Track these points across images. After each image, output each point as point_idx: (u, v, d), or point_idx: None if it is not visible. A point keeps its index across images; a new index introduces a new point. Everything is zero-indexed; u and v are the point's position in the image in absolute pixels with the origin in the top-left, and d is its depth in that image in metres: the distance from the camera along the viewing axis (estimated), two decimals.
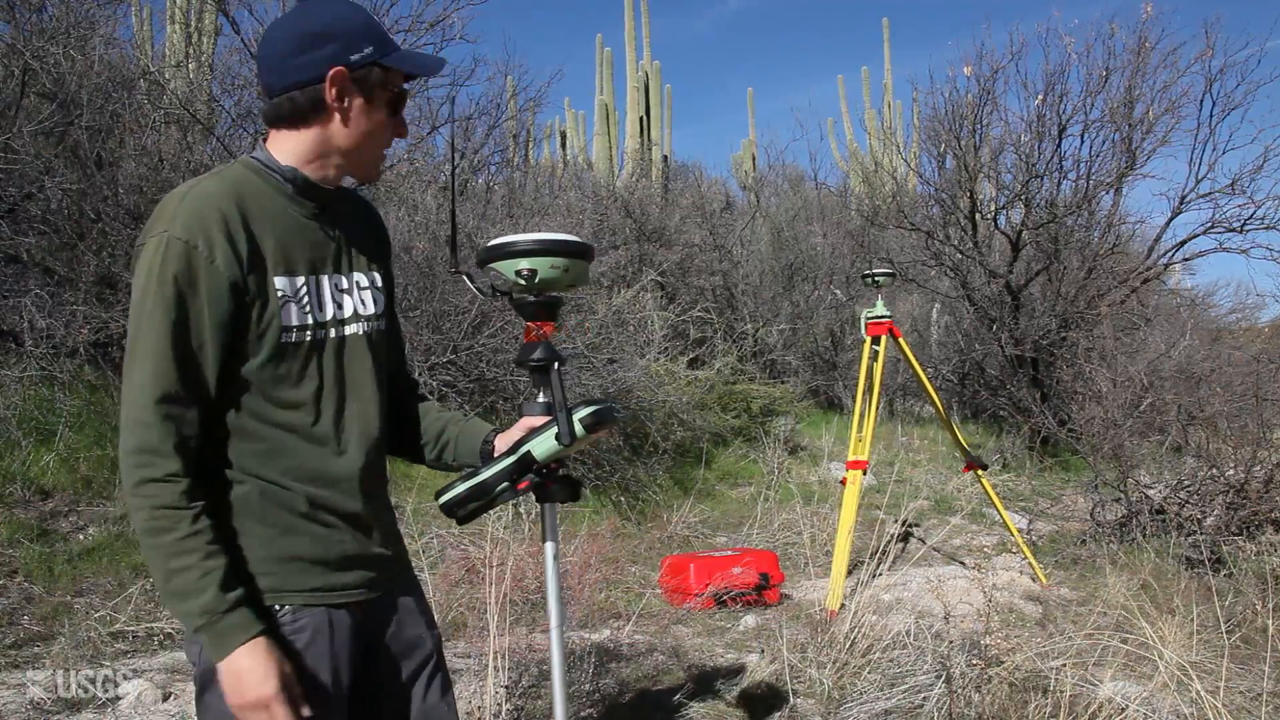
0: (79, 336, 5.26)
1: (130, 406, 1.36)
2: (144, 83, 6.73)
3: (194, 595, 1.35)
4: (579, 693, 3.49)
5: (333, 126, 1.49)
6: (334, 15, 1.49)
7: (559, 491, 1.68)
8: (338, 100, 1.47)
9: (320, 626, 1.47)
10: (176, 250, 1.37)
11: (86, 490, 4.71)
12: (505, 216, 8.76)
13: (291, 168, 1.50)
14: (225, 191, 1.43)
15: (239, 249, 1.41)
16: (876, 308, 5.46)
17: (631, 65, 16.72)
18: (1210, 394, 6.72)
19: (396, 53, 1.51)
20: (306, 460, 1.49)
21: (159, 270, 1.36)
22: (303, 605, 1.47)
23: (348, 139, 1.50)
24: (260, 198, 1.47)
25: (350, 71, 1.47)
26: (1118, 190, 10.03)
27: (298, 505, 1.47)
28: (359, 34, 1.48)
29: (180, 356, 1.37)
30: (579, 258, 1.69)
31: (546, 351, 1.69)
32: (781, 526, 6.78)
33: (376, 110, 1.51)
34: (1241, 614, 4.39)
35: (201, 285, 1.38)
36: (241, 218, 1.42)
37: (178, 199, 1.41)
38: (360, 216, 1.66)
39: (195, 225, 1.38)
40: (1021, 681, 3.29)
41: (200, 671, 1.45)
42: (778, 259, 12.34)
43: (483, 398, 6.60)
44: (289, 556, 1.47)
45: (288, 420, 1.47)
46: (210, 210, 1.40)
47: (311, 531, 1.49)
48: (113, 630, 3.86)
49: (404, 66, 1.53)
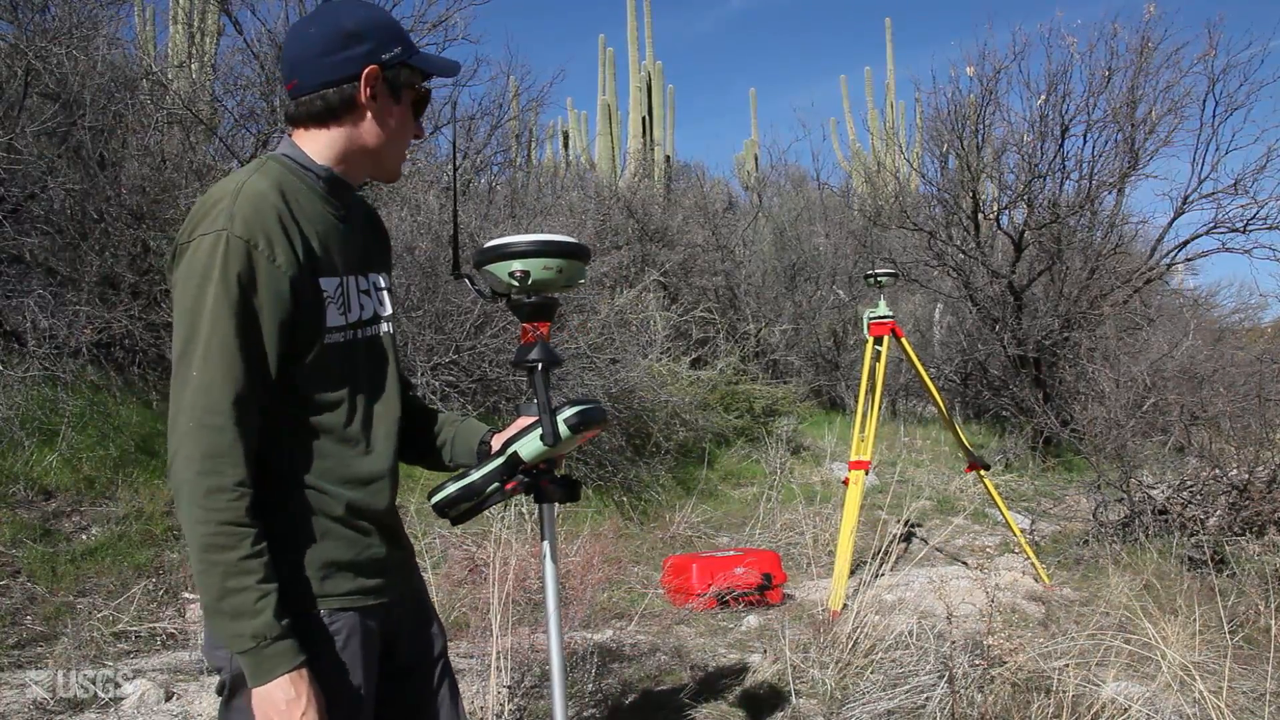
0: (82, 337, 5.26)
1: (195, 410, 1.31)
2: (147, 83, 6.73)
3: (248, 618, 1.31)
4: (581, 692, 3.49)
5: (363, 125, 1.49)
6: (365, 15, 1.49)
7: (556, 492, 1.68)
8: (371, 99, 1.48)
9: (353, 629, 1.47)
10: (238, 249, 1.33)
11: (89, 490, 4.72)
12: (508, 217, 8.77)
13: (325, 166, 1.50)
14: (274, 189, 1.42)
15: (296, 248, 1.39)
16: (879, 308, 5.46)
17: (634, 65, 16.73)
18: (1213, 394, 6.71)
19: (420, 54, 1.53)
20: (341, 462, 1.48)
21: (221, 269, 1.33)
22: (337, 609, 1.46)
23: (377, 138, 1.51)
24: (300, 196, 1.46)
25: (383, 71, 1.47)
26: (1120, 190, 10.04)
27: (334, 509, 1.46)
28: (390, 34, 1.49)
29: (248, 358, 1.34)
30: (572, 258, 1.69)
31: (540, 353, 1.69)
32: (784, 527, 6.78)
33: (403, 110, 1.53)
34: (1244, 614, 4.38)
35: (264, 285, 1.35)
36: (292, 216, 1.41)
37: (230, 196, 1.38)
38: (367, 219, 1.66)
39: (255, 223, 1.36)
40: (1024, 682, 3.28)
41: (231, 678, 1.41)
42: (780, 259, 12.34)
43: (485, 398, 6.60)
44: (325, 562, 1.45)
45: (323, 422, 1.46)
46: (267, 208, 1.38)
47: (346, 536, 1.48)
48: (115, 630, 3.87)
49: (429, 67, 1.54)
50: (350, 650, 1.46)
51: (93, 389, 5.31)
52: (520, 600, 3.77)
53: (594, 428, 1.64)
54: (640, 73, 16.69)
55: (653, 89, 16.69)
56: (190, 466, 1.31)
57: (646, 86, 16.63)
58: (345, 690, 1.44)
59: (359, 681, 1.46)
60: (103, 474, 4.83)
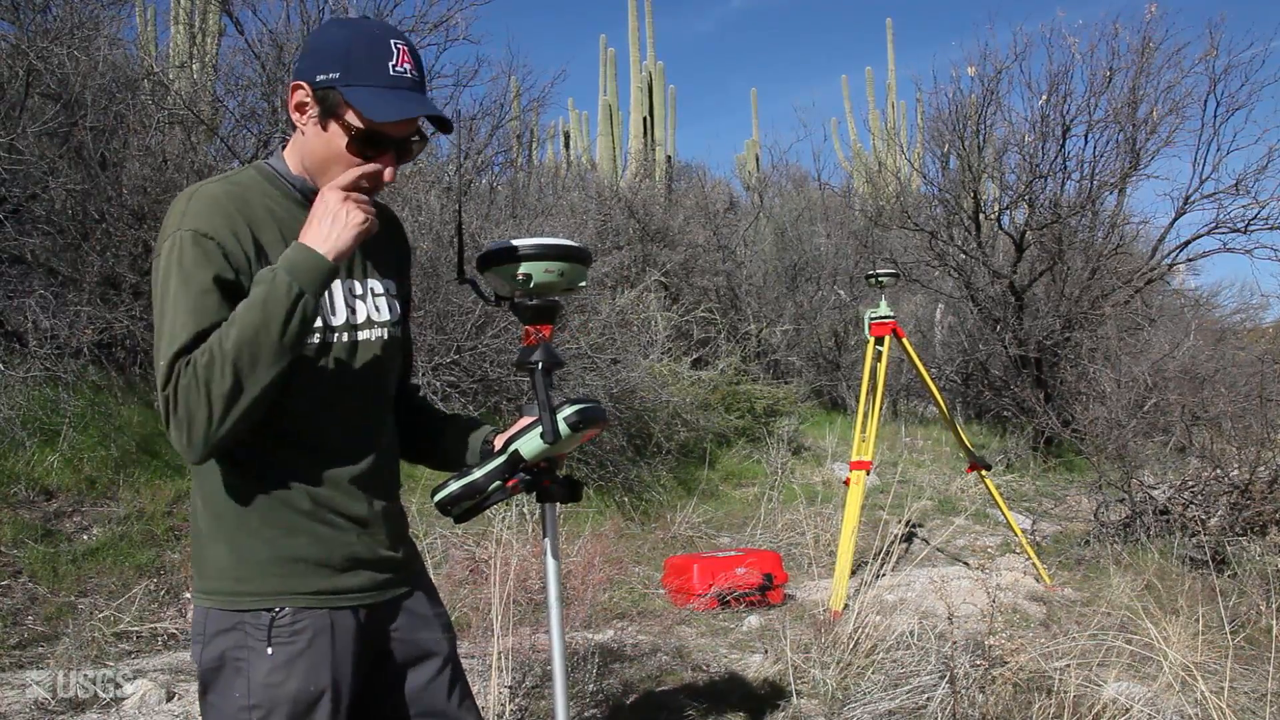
0: (83, 337, 5.26)
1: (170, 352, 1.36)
2: (148, 83, 6.73)
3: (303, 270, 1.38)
4: (583, 693, 3.49)
5: (304, 140, 1.50)
6: (334, 34, 1.48)
7: (558, 491, 1.68)
8: (297, 112, 1.48)
9: (321, 628, 1.47)
10: (189, 240, 1.39)
11: (90, 490, 4.72)
12: (509, 217, 8.77)
13: (300, 176, 1.53)
14: (227, 193, 1.46)
15: (245, 246, 1.43)
16: (880, 308, 5.46)
17: (635, 65, 16.74)
18: (1214, 394, 6.71)
19: (360, 89, 1.42)
20: (310, 461, 1.49)
21: (177, 262, 1.39)
22: (304, 607, 1.46)
23: (311, 156, 1.50)
24: (267, 200, 1.49)
25: (313, 90, 1.45)
26: (1121, 190, 10.04)
27: (301, 504, 1.47)
28: (334, 56, 1.44)
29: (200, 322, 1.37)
30: (574, 261, 1.69)
31: (541, 355, 1.69)
32: (785, 527, 6.78)
33: (333, 137, 1.46)
34: (1246, 615, 4.38)
35: (215, 268, 1.39)
36: (244, 219, 1.44)
37: (184, 200, 1.43)
38: (384, 225, 1.65)
39: (203, 222, 1.40)
40: (1025, 682, 3.28)
41: (204, 671, 1.45)
42: (781, 259, 12.34)
43: (486, 398, 6.60)
44: (291, 558, 1.46)
45: (293, 421, 1.47)
46: (215, 209, 1.42)
47: (315, 532, 1.48)
48: (116, 630, 3.87)
49: (354, 101, 1.42)
50: (318, 649, 1.46)
51: (94, 389, 5.31)
52: (521, 600, 3.77)
53: (594, 427, 1.64)
54: (641, 73, 16.70)
55: (654, 89, 16.70)
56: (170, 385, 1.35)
57: (648, 86, 16.64)
58: (309, 689, 1.44)
59: (325, 683, 1.46)
60: (104, 474, 4.83)
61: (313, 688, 1.45)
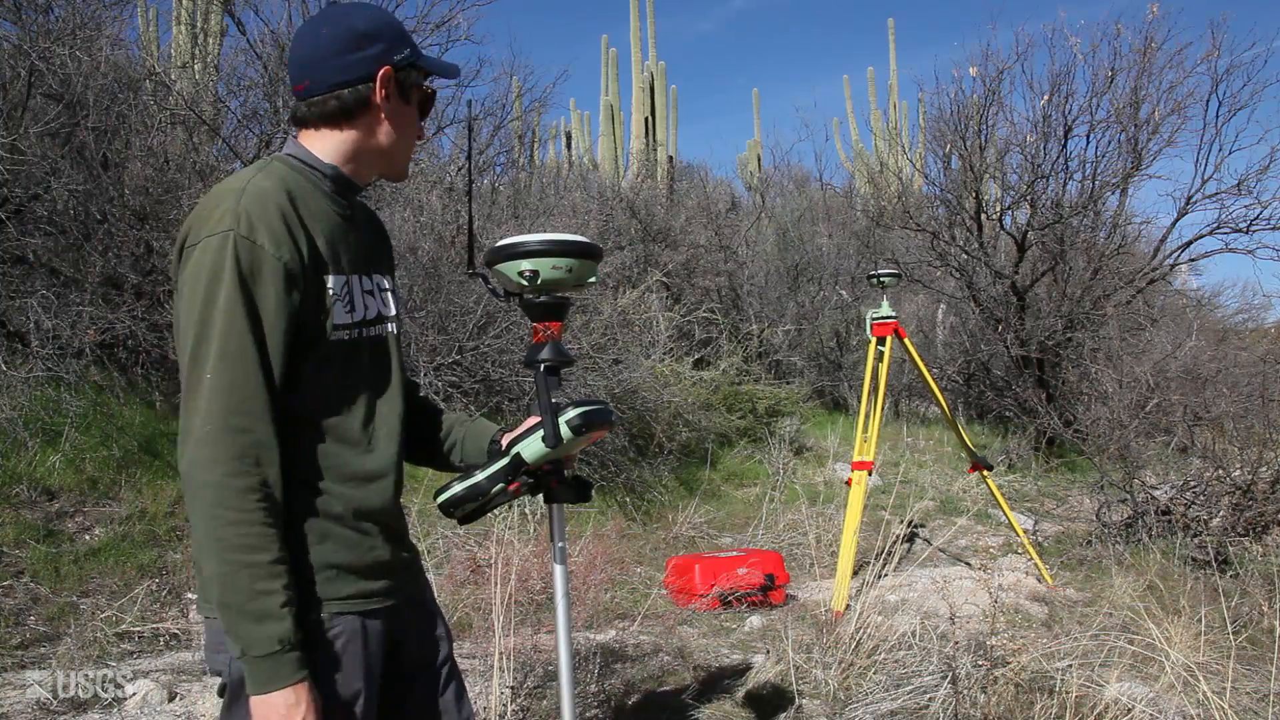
0: (85, 337, 5.27)
1: (217, 413, 1.30)
2: (150, 84, 6.73)
3: (273, 621, 1.30)
4: (585, 693, 3.49)
5: (376, 125, 1.51)
6: (376, 16, 1.51)
7: (565, 492, 1.68)
8: (385, 99, 1.50)
9: (354, 633, 1.46)
10: (245, 248, 1.34)
11: (92, 491, 4.72)
12: (511, 217, 8.78)
13: (332, 165, 1.51)
14: (278, 188, 1.42)
15: (301, 246, 1.40)
16: (882, 308, 5.46)
17: (637, 66, 16.74)
18: (1216, 395, 6.71)
19: (425, 56, 1.56)
20: (343, 460, 1.47)
21: (231, 269, 1.33)
22: (336, 613, 1.45)
23: (389, 137, 1.53)
24: (306, 195, 1.46)
25: (395, 72, 1.50)
26: (1123, 191, 10.03)
27: (334, 509, 1.45)
28: (399, 35, 1.52)
29: (264, 356, 1.34)
30: (583, 258, 1.68)
31: (549, 353, 1.68)
32: (787, 527, 6.78)
33: (412, 110, 1.56)
34: (1248, 615, 4.38)
35: (272, 283, 1.35)
36: (297, 214, 1.41)
37: (233, 196, 1.37)
38: (369, 220, 1.66)
39: (261, 222, 1.36)
40: (1027, 682, 3.28)
41: (235, 682, 1.40)
42: (783, 259, 12.34)
43: (488, 398, 6.60)
44: (325, 564, 1.44)
45: (326, 420, 1.46)
46: (272, 207, 1.38)
47: (347, 538, 1.47)
48: (118, 630, 3.87)
49: (435, 69, 1.57)
50: (351, 654, 1.45)
51: (96, 389, 5.31)
52: (523, 601, 3.77)
53: (598, 429, 1.62)
54: (643, 73, 16.71)
55: (655, 89, 16.70)
56: (217, 469, 1.30)
57: (649, 87, 16.65)
58: (343, 694, 1.44)
59: (359, 686, 1.45)
60: (106, 474, 4.83)
61: (347, 694, 1.44)
